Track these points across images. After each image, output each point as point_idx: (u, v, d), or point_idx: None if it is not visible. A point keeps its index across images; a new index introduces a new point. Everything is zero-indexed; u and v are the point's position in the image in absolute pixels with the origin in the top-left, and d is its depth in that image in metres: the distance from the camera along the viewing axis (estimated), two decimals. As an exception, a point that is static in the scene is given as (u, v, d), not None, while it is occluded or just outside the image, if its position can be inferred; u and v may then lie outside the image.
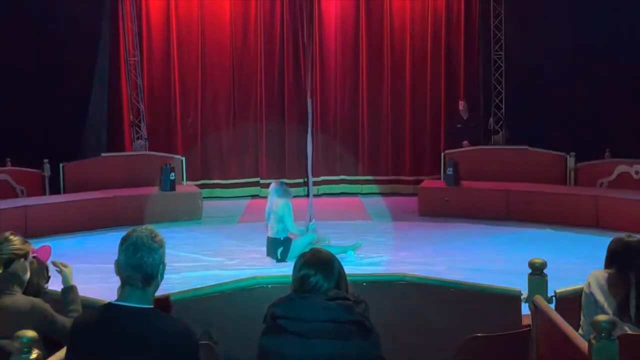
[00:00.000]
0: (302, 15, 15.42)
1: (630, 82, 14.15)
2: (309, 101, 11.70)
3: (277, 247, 9.88)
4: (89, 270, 9.02)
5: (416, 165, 15.68)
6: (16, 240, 4.43)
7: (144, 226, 3.43)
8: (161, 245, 3.37)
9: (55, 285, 4.79)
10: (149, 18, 15.29)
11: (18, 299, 4.23)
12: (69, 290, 4.59)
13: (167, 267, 3.43)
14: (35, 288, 4.49)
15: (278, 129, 15.56)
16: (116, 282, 3.40)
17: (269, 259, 9.99)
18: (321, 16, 15.51)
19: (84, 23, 14.30)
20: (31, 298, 4.28)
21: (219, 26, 15.45)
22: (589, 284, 4.87)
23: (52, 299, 4.59)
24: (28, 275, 4.43)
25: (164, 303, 4.63)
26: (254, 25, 15.45)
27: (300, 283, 3.49)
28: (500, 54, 15.37)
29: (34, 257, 4.53)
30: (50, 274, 4.71)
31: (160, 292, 3.71)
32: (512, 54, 15.23)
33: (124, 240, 3.34)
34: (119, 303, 3.31)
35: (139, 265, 3.28)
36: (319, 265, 3.50)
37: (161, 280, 3.40)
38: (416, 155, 15.67)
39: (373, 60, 15.63)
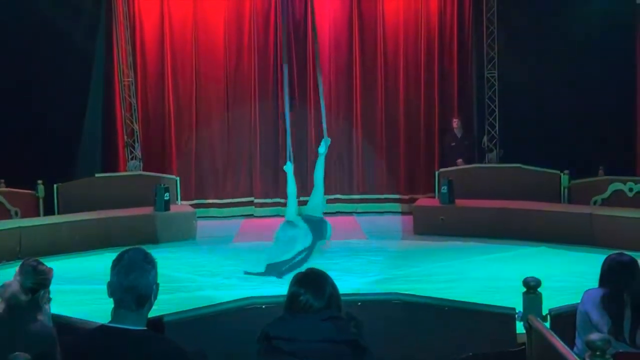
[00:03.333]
0: (296, 35, 15.49)
1: (623, 99, 14.27)
2: (285, 67, 11.94)
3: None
4: (83, 291, 9.01)
5: (411, 183, 15.69)
6: (44, 271, 4.50)
7: (135, 247, 3.43)
8: (154, 266, 3.37)
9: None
10: (142, 39, 15.32)
11: (43, 326, 4.28)
12: None
13: (161, 288, 3.42)
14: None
15: (272, 149, 15.57)
16: (110, 303, 3.39)
17: (263, 279, 9.98)
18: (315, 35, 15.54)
19: (78, 44, 14.35)
20: (52, 327, 4.33)
21: (213, 46, 15.49)
22: (583, 302, 4.88)
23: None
24: (46, 303, 4.50)
25: (158, 324, 4.62)
26: (248, 45, 15.49)
27: (290, 301, 3.50)
28: (494, 73, 15.42)
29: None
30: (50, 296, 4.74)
31: (154, 313, 3.71)
32: (505, 73, 15.28)
33: (116, 262, 3.34)
34: (113, 325, 3.30)
35: (132, 287, 3.27)
36: (309, 284, 3.51)
37: (154, 301, 3.40)
38: (410, 173, 15.68)
39: (367, 79, 15.68)
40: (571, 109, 14.31)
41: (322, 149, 11.72)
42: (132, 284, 3.27)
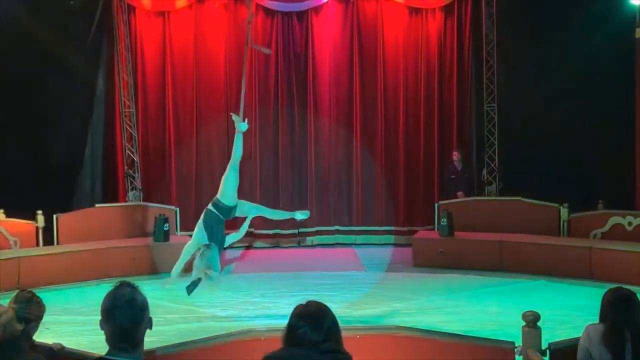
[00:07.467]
0: (297, 68, 15.57)
1: (623, 133, 14.29)
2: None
3: None
4: (81, 322, 8.98)
5: (410, 215, 15.68)
6: (37, 303, 4.50)
7: (124, 284, 3.39)
8: (144, 301, 3.36)
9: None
10: (144, 70, 15.37)
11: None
12: None
13: (159, 319, 3.43)
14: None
15: (272, 180, 15.60)
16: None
17: (262, 310, 9.96)
18: (315, 68, 15.62)
19: (80, 74, 14.42)
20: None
21: (213, 77, 15.54)
22: (584, 338, 4.85)
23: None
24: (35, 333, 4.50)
25: (152, 357, 4.59)
26: (249, 76, 15.53)
27: (289, 333, 3.50)
28: (493, 106, 15.48)
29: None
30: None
31: (154, 345, 3.71)
32: (504, 106, 15.35)
33: (110, 304, 3.31)
34: (111, 357, 3.30)
35: (128, 325, 3.26)
36: (308, 316, 3.50)
37: (148, 329, 3.39)
38: (410, 206, 15.67)
39: (367, 111, 15.72)
40: (570, 142, 14.34)
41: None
42: (127, 322, 3.26)
